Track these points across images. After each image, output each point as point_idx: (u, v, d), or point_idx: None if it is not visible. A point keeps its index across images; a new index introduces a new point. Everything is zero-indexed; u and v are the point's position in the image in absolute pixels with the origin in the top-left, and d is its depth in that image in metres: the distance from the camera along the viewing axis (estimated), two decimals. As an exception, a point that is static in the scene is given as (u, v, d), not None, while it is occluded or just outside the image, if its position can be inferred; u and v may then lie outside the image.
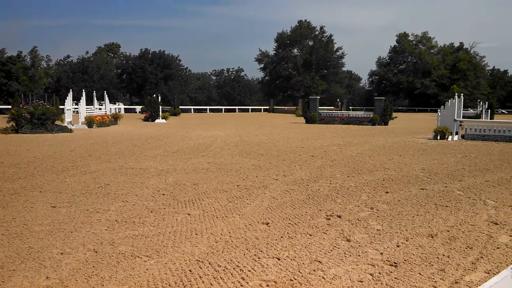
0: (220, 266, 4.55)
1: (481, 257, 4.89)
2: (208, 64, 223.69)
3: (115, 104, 56.93)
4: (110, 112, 37.15)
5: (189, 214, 6.64)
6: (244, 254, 4.90)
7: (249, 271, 4.42)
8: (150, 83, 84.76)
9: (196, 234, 5.64)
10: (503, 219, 6.56)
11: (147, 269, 4.45)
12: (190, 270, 4.42)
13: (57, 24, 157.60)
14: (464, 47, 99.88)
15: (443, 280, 4.23)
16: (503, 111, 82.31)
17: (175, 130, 26.42)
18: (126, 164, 11.80)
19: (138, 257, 4.80)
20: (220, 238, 5.48)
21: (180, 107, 57.18)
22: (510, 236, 5.71)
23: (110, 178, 9.62)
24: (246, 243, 5.31)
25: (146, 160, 12.54)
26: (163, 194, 8.06)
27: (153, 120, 36.98)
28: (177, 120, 41.88)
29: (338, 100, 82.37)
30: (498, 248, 5.21)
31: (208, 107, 74.36)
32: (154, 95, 40.59)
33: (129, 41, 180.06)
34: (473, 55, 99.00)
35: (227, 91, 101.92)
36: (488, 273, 4.38)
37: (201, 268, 4.49)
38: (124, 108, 60.77)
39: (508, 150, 16.53)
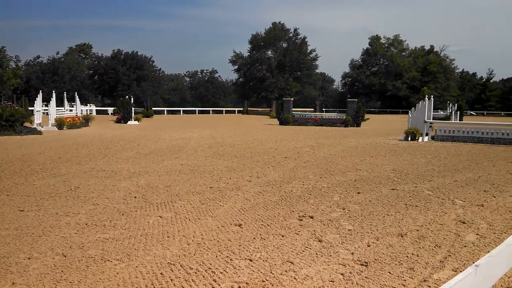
0: (192, 268, 4.53)
1: (449, 255, 5.00)
2: (181, 66, 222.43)
3: (87, 105, 56.05)
4: (81, 113, 36.58)
5: (161, 217, 6.58)
6: (216, 256, 4.89)
7: (221, 273, 4.41)
8: (122, 84, 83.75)
9: (168, 237, 5.59)
10: (471, 218, 6.71)
11: (117, 273, 4.39)
12: (161, 273, 4.38)
13: (27, 24, 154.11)
14: (434, 50, 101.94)
15: (412, 278, 4.30)
16: (472, 112, 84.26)
17: (148, 131, 26.17)
18: (97, 166, 11.62)
19: (108, 260, 4.73)
20: (192, 241, 5.45)
21: (153, 108, 56.72)
22: (477, 234, 5.85)
23: (81, 181, 9.46)
24: (219, 245, 5.29)
25: (118, 163, 12.38)
26: (135, 197, 7.97)
27: (125, 122, 36.54)
28: (150, 121, 41.49)
29: (317, 102, 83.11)
30: (465, 246, 5.33)
31: (181, 109, 73.90)
32: (127, 97, 40.09)
33: (101, 42, 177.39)
34: (443, 58, 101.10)
35: (201, 93, 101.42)
36: (456, 271, 4.48)
37: (172, 271, 4.46)
38: (96, 110, 59.85)
39: (476, 151, 16.94)
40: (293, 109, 39.29)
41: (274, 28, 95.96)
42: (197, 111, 73.91)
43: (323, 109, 77.96)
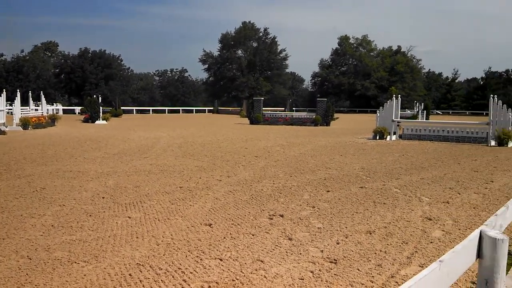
0: (161, 269, 4.48)
1: (416, 251, 5.10)
2: (151, 64, 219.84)
3: (53, 105, 54.76)
4: (47, 113, 35.74)
5: (130, 217, 6.49)
6: (186, 256, 4.85)
7: (191, 273, 4.38)
8: (90, 83, 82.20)
9: (137, 238, 5.52)
10: (437, 214, 6.87)
11: (84, 275, 4.31)
12: (130, 274, 4.32)
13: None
14: (401, 50, 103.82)
15: (380, 275, 4.37)
16: (438, 112, 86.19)
17: (116, 131, 25.78)
18: (64, 167, 11.38)
19: (75, 262, 4.64)
20: (162, 241, 5.40)
21: (122, 108, 55.88)
22: (442, 231, 5.99)
23: (46, 182, 9.24)
24: (188, 245, 5.26)
25: (85, 163, 12.15)
26: (103, 197, 7.84)
27: (93, 122, 35.89)
28: (119, 121, 40.89)
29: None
30: (431, 242, 5.45)
31: (151, 108, 73.03)
32: (95, 96, 39.41)
33: (68, 40, 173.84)
34: (410, 58, 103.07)
35: (170, 92, 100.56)
36: (422, 266, 4.57)
37: (141, 271, 4.40)
38: (63, 109, 58.58)
39: (441, 149, 17.35)
40: (263, 108, 39.40)
41: (244, 28, 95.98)
42: (167, 110, 73.23)
43: (293, 108, 78.52)
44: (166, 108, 76.22)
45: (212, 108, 76.39)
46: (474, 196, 8.41)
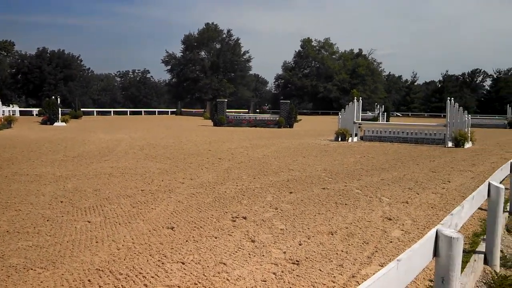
0: (122, 274, 4.39)
1: (376, 251, 5.19)
2: (112, 65, 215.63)
3: (9, 106, 53.01)
4: (3, 114, 34.51)
5: (89, 222, 6.33)
6: (148, 260, 4.78)
7: (152, 277, 4.31)
8: (48, 84, 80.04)
9: (96, 242, 5.39)
10: (396, 214, 7.02)
11: (41, 282, 4.17)
12: (89, 280, 4.21)
13: None
14: (363, 53, 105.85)
15: (341, 275, 4.42)
16: (398, 114, 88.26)
17: (76, 133, 25.18)
18: (20, 170, 11.02)
19: (32, 269, 4.48)
20: (123, 245, 5.29)
21: (82, 109, 54.59)
22: (402, 230, 6.12)
23: (2, 186, 8.92)
24: (150, 248, 5.18)
25: (43, 166, 11.80)
26: (61, 202, 7.63)
27: (51, 123, 34.95)
28: (79, 123, 39.97)
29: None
30: (391, 242, 5.56)
31: (112, 110, 71.69)
32: (53, 97, 38.38)
33: (25, 40, 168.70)
34: (371, 61, 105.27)
35: (132, 93, 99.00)
36: (382, 266, 4.65)
37: (101, 277, 4.30)
38: (20, 111, 56.65)
39: (401, 150, 17.77)
40: (227, 110, 39.38)
41: (207, 29, 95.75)
42: (128, 112, 72.03)
43: (257, 110, 78.70)
44: (128, 109, 74.98)
45: (175, 109, 75.64)
46: (432, 196, 8.64)
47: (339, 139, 22.37)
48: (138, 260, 4.78)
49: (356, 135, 23.16)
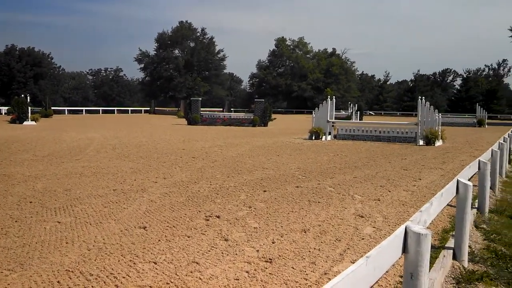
0: (92, 274, 4.32)
1: (348, 248, 5.24)
2: (83, 63, 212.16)
3: (-23, 104, 51.56)
4: (-30, 113, 33.59)
5: (59, 222, 6.21)
6: (119, 261, 4.71)
7: (124, 277, 4.26)
8: (18, 82, 78.22)
9: (66, 243, 5.29)
10: (368, 212, 7.11)
11: (8, 284, 4.07)
12: (58, 282, 4.13)
13: None
14: (336, 52, 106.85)
15: (313, 272, 4.45)
16: (371, 112, 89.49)
17: (46, 132, 24.66)
18: (-12, 170, 10.73)
19: (-2, 271, 4.37)
20: (93, 246, 5.21)
21: (53, 108, 53.50)
22: (373, 227, 6.20)
23: (-32, 186, 8.67)
24: (122, 249, 5.11)
25: (12, 166, 11.52)
26: (30, 202, 7.45)
27: (21, 122, 34.13)
28: (49, 122, 39.15)
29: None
30: (363, 239, 5.62)
31: (84, 108, 70.46)
32: (23, 95, 37.51)
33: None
34: (345, 61, 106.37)
35: (105, 92, 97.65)
36: (354, 262, 4.67)
37: (71, 278, 4.22)
38: (-12, 109, 55.28)
39: (374, 149, 18.00)
40: (201, 109, 39.19)
41: (181, 27, 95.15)
42: (101, 110, 70.99)
43: (232, 109, 78.56)
44: (100, 108, 73.91)
45: (148, 108, 74.89)
46: (403, 193, 8.78)
47: (313, 138, 22.52)
48: (109, 261, 4.71)
49: (330, 133, 23.36)
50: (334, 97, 26.53)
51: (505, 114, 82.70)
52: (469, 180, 6.01)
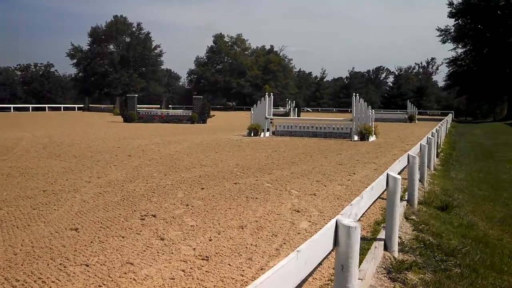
0: (19, 280, 4.10)
1: (284, 243, 5.31)
2: (11, 58, 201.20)
3: None
4: None
5: (-18, 226, 5.85)
6: (48, 265, 4.51)
7: (53, 282, 4.08)
8: None
9: (-10, 248, 4.99)
10: (304, 206, 7.24)
11: None
12: (-20, 290, 3.89)
13: None
14: (274, 50, 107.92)
15: (250, 268, 4.47)
16: (308, 109, 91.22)
17: (-29, 131, 23.20)
18: None
19: None
20: (20, 250, 4.95)
21: (-23, 105, 50.37)
22: (309, 221, 6.32)
23: None
24: (51, 252, 4.89)
25: None
26: (-50, 206, 6.98)
27: None
28: (-26, 120, 36.88)
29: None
30: (299, 233, 5.71)
31: (12, 106, 66.85)
32: None
33: None
34: (283, 58, 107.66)
35: (35, 88, 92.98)
36: (290, 257, 4.76)
37: (-6, 285, 3.99)
38: None
39: (311, 145, 18.37)
40: (138, 105, 38.36)
41: (116, 22, 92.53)
42: (31, 108, 67.65)
43: (170, 106, 77.45)
44: (30, 105, 70.39)
45: (82, 105, 72.23)
46: (338, 187, 9.01)
47: (252, 134, 22.65)
48: (37, 265, 4.50)
49: (268, 130, 23.59)
50: (272, 94, 26.79)
51: (433, 110, 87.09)
52: (399, 173, 6.26)
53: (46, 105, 71.68)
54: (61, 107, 72.66)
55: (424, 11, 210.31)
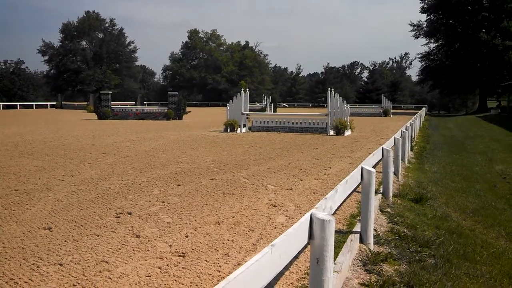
0: (-10, 282, 4.01)
1: (261, 238, 5.33)
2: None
3: None
4: None
5: (-49, 228, 5.70)
6: (21, 265, 4.42)
7: (26, 282, 4.00)
8: None
9: (-40, 250, 4.87)
10: (281, 201, 7.27)
11: None
12: (-51, 293, 3.80)
13: None
14: (249, 45, 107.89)
15: (226, 263, 4.47)
16: (285, 104, 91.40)
17: None
18: None
19: None
20: (-9, 251, 4.84)
21: None
22: (286, 216, 6.34)
23: None
24: (24, 252, 4.79)
25: None
26: None
27: None
28: None
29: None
30: (275, 228, 5.74)
31: (-19, 104, 65.22)
32: None
33: None
34: (258, 53, 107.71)
35: (5, 86, 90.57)
36: (266, 251, 4.78)
37: (-36, 288, 3.89)
38: None
39: (287, 140, 18.43)
40: (112, 102, 37.90)
41: (88, 18, 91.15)
42: (1, 106, 66.08)
43: (145, 102, 76.67)
44: (1, 103, 68.69)
45: (55, 103, 70.87)
46: (314, 182, 9.07)
47: (228, 130, 22.61)
48: (9, 266, 4.40)
49: (244, 125, 23.58)
50: (248, 89, 26.79)
51: (408, 104, 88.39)
52: (374, 167, 6.34)
53: (18, 103, 70.15)
54: (33, 104, 71.15)
55: (397, 6, 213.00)
